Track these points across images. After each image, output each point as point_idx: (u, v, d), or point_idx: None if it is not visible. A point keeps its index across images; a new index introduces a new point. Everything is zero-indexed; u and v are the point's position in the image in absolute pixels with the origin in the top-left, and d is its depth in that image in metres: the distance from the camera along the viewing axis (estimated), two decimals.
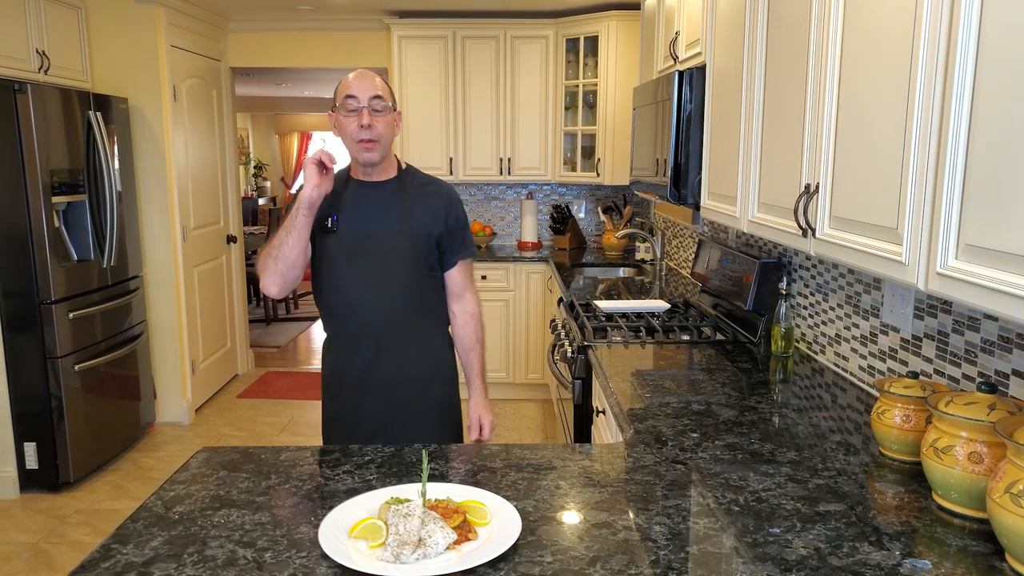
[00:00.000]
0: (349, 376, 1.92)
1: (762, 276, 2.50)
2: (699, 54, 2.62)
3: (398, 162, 1.98)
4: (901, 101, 1.27)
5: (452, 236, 1.96)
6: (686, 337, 2.53)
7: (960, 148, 1.11)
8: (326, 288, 1.91)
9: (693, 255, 3.73)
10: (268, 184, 12.54)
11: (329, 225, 1.87)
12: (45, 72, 3.64)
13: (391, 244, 1.87)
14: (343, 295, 1.88)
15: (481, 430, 2.03)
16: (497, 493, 1.32)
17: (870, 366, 1.98)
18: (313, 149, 13.07)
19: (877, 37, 1.37)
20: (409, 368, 1.92)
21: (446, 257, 1.98)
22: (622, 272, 4.50)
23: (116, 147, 3.94)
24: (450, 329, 2.05)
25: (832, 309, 2.20)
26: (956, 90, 1.11)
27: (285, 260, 1.80)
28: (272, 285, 1.83)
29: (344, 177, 1.93)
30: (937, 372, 1.68)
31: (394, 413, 1.92)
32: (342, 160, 1.87)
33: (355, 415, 1.93)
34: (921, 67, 1.21)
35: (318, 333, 6.71)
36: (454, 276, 2.01)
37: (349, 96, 1.80)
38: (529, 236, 5.12)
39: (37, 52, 3.58)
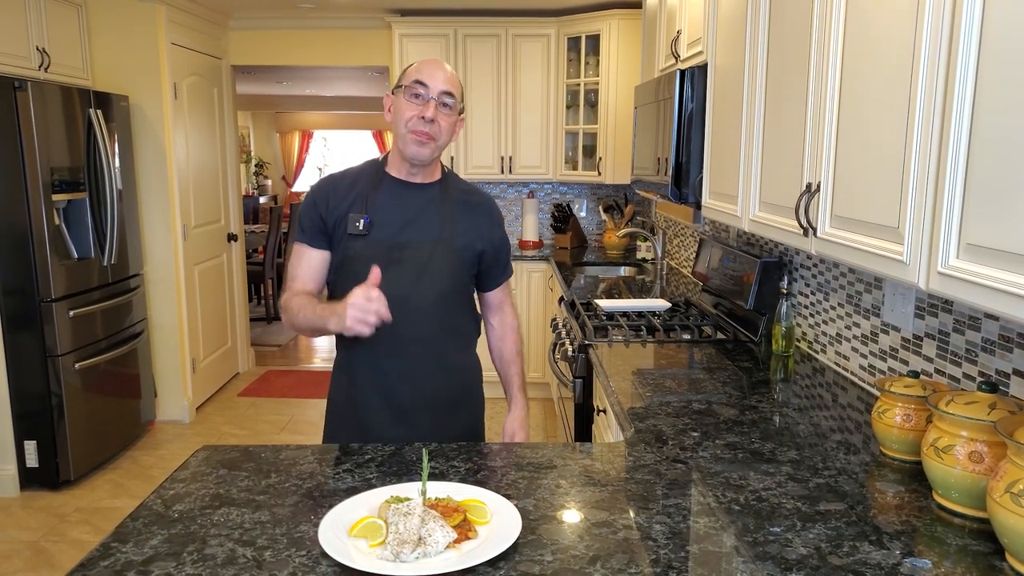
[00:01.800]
0: (369, 400, 1.73)
1: (763, 275, 2.50)
2: (700, 53, 2.62)
3: (441, 165, 1.80)
4: (903, 100, 1.27)
5: (497, 255, 1.81)
6: (687, 336, 2.53)
7: (962, 147, 1.10)
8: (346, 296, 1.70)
9: (694, 254, 3.73)
10: (269, 182, 12.55)
11: (361, 228, 1.66)
12: (45, 70, 3.64)
13: (429, 254, 1.68)
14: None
15: None
16: (497, 492, 1.31)
17: (871, 365, 1.97)
18: (315, 148, 13.09)
19: (879, 36, 1.36)
20: (436, 393, 1.73)
21: (490, 278, 1.83)
22: (623, 271, 4.49)
23: (117, 145, 3.94)
24: (484, 338, 1.90)
25: (833, 308, 2.20)
26: (958, 88, 1.10)
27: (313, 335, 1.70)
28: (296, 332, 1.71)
29: (379, 173, 1.73)
30: (938, 371, 1.68)
31: (416, 440, 1.71)
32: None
33: (373, 441, 1.71)
34: (923, 66, 1.20)
35: None
36: (496, 295, 1.89)
37: (419, 82, 1.62)
38: (530, 235, 5.12)
39: (37, 49, 3.58)
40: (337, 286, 1.71)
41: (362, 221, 1.66)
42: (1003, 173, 1.01)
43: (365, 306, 1.45)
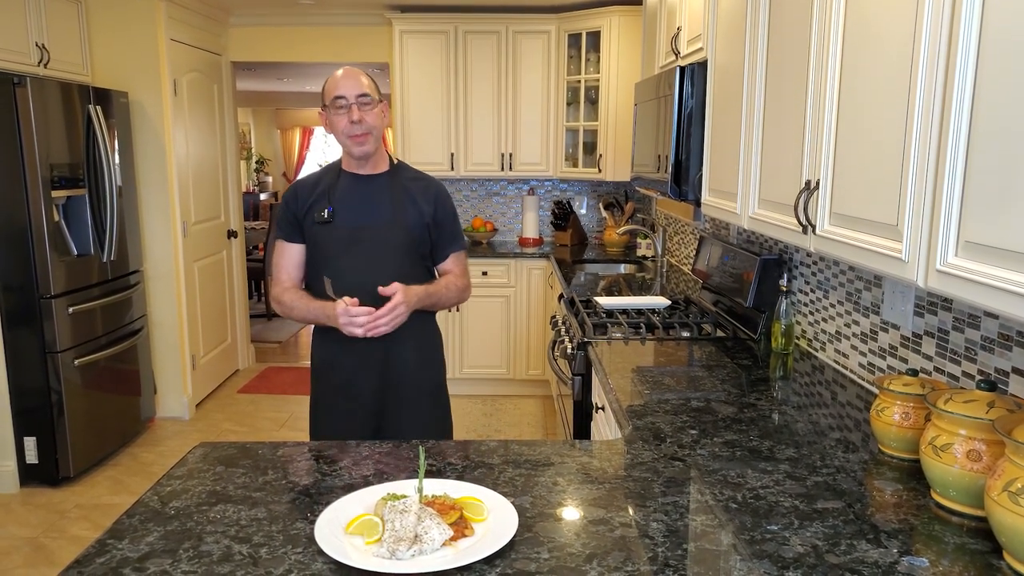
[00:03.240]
0: (344, 364, 1.99)
1: (763, 273, 2.49)
2: (701, 50, 2.61)
3: (389, 157, 2.07)
4: (902, 97, 1.26)
5: (442, 229, 2.05)
6: (686, 334, 2.53)
7: (960, 144, 1.10)
8: (318, 275, 1.97)
9: (694, 252, 3.72)
10: (270, 179, 12.54)
11: (326, 216, 1.95)
12: (45, 66, 3.63)
13: (385, 235, 1.95)
14: (338, 284, 1.92)
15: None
16: (494, 489, 1.31)
17: (870, 363, 1.97)
18: (315, 144, 13.10)
19: (878, 33, 1.36)
20: (402, 354, 2.00)
21: (438, 250, 2.08)
22: (623, 268, 4.49)
23: (116, 141, 3.94)
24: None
25: (832, 306, 2.19)
26: (958, 86, 1.10)
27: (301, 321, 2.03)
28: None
29: (336, 170, 2.03)
30: (937, 370, 1.68)
31: (389, 399, 2.01)
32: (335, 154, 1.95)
33: (349, 403, 2.00)
34: (922, 63, 1.20)
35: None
36: (447, 267, 2.10)
37: (338, 97, 1.90)
38: (530, 232, 5.11)
39: (37, 46, 3.57)
40: (310, 267, 2.02)
41: (326, 211, 1.96)
42: (1002, 171, 1.01)
43: (350, 318, 1.82)
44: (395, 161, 2.08)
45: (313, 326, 2.07)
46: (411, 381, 2.03)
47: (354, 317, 1.81)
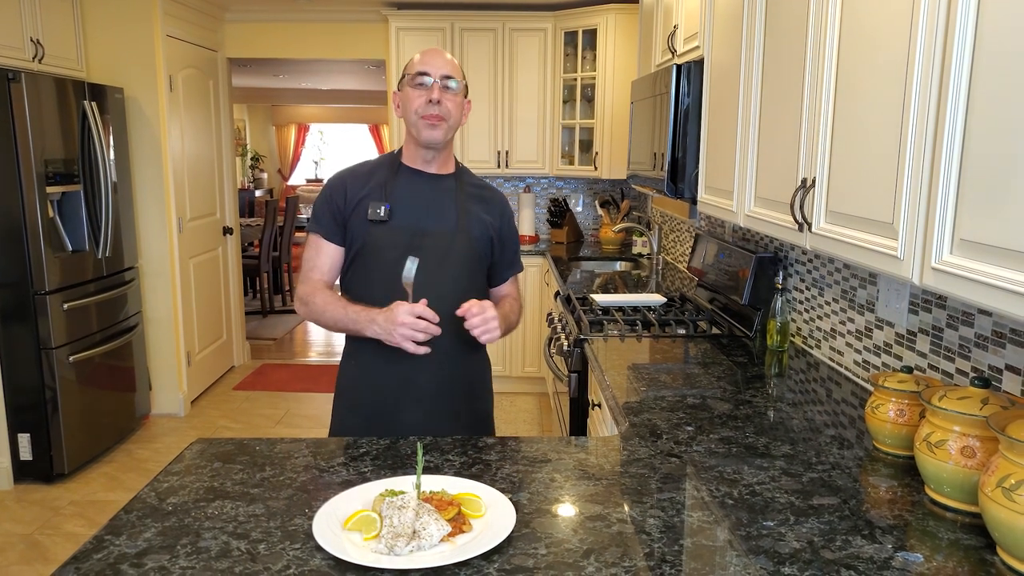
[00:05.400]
0: (386, 385, 1.73)
1: (758, 270, 2.50)
2: (697, 48, 2.62)
3: (455, 159, 1.87)
4: (898, 96, 1.27)
5: (504, 248, 1.84)
6: (682, 331, 2.54)
7: (956, 143, 1.11)
8: (367, 283, 1.72)
9: (690, 249, 3.73)
10: (265, 176, 12.52)
11: (382, 214, 1.70)
12: (40, 61, 3.61)
13: (449, 242, 1.72)
14: (388, 292, 1.64)
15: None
16: (492, 485, 1.31)
17: (865, 361, 1.98)
18: (311, 141, 13.06)
19: (874, 32, 1.36)
20: (452, 378, 1.76)
21: (500, 270, 1.86)
22: (619, 266, 4.50)
23: (111, 137, 3.93)
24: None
25: (828, 304, 2.20)
26: (952, 85, 1.11)
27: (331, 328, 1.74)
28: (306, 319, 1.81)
29: (394, 163, 1.78)
30: (931, 367, 1.69)
31: (431, 426, 1.71)
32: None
33: (388, 429, 1.70)
34: (918, 63, 1.20)
35: (314, 326, 6.69)
36: (504, 290, 1.89)
37: (421, 72, 1.68)
38: (526, 229, 5.12)
39: (31, 41, 3.56)
40: (355, 273, 1.75)
41: (383, 208, 1.70)
42: (997, 168, 1.02)
43: (415, 324, 1.54)
44: (460, 165, 1.85)
45: (345, 343, 1.82)
46: (458, 408, 1.78)
47: (418, 320, 1.53)
